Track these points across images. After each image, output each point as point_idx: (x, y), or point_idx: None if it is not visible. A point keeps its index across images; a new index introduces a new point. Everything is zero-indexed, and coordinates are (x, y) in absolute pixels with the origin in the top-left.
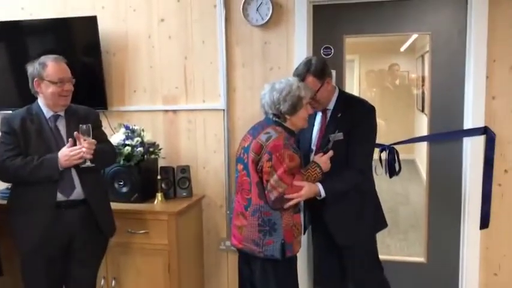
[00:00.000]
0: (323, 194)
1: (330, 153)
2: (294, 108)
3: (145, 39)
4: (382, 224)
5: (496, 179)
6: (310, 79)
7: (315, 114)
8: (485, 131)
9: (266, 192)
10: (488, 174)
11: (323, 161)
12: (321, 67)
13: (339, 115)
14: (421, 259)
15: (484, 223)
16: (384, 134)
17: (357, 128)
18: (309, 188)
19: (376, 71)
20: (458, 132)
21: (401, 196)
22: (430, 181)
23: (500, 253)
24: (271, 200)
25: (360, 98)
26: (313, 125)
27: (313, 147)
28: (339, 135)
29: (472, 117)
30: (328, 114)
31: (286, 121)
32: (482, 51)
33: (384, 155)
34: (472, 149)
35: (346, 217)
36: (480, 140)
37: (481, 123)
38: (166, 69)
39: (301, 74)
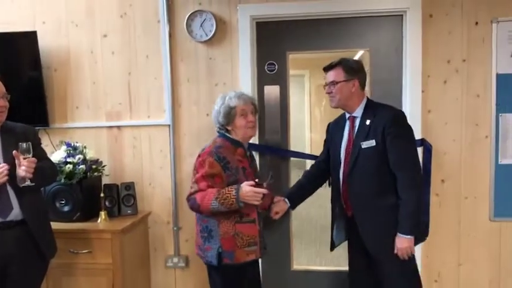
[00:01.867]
0: (411, 237)
1: (263, 190)
2: (228, 118)
3: (88, 54)
4: (421, 234)
5: (434, 189)
6: (338, 69)
7: (343, 125)
8: (422, 143)
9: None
10: (427, 185)
11: (247, 190)
12: (354, 66)
13: (368, 122)
14: None
15: (424, 233)
16: None
17: (391, 135)
18: (403, 246)
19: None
20: None
21: None
22: None
23: (440, 261)
24: (188, 201)
25: (388, 104)
26: (341, 138)
27: (342, 157)
28: (371, 142)
29: None
30: (356, 122)
31: (230, 132)
32: (417, 67)
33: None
34: None
35: (382, 230)
36: (418, 151)
37: (418, 136)
38: (110, 84)
39: (333, 63)
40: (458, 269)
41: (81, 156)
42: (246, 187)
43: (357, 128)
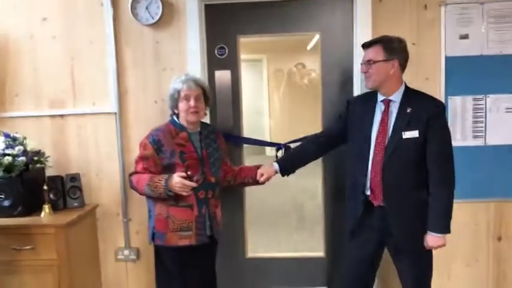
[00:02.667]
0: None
1: (192, 184)
2: (172, 100)
3: (27, 39)
4: None
5: None
6: (377, 47)
7: (372, 106)
8: None
9: None
10: None
11: (176, 181)
12: (395, 45)
13: (409, 110)
14: (320, 254)
15: None
16: (294, 131)
17: (435, 128)
18: (433, 242)
19: (283, 70)
20: None
21: (310, 191)
22: (325, 176)
23: None
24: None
25: (426, 93)
26: (371, 120)
27: (372, 143)
28: (414, 133)
29: None
30: (393, 107)
31: (178, 117)
32: None
33: (280, 154)
34: None
35: (413, 223)
36: None
37: None
38: (52, 71)
39: (373, 40)
40: None
41: (21, 147)
42: (176, 178)
43: (395, 114)
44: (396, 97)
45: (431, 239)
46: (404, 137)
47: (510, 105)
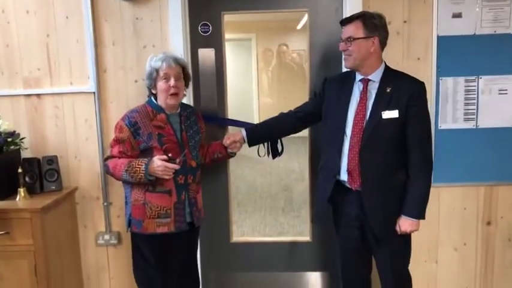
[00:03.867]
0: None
1: (175, 166)
2: (150, 79)
3: None
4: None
5: None
6: (356, 23)
7: (349, 87)
8: None
9: None
10: None
11: (158, 164)
12: (376, 21)
13: (388, 89)
14: (306, 238)
15: None
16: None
17: (416, 108)
18: (405, 226)
19: (272, 50)
20: None
21: (297, 173)
22: (312, 159)
23: None
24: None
25: (406, 73)
26: (347, 100)
27: (349, 124)
28: (393, 113)
29: None
30: (372, 86)
31: (156, 97)
32: None
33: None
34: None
35: (390, 208)
36: None
37: None
38: (26, 48)
39: (353, 17)
40: None
41: None
42: (158, 161)
43: (374, 94)
44: (375, 77)
45: (407, 222)
46: (384, 117)
47: (503, 87)
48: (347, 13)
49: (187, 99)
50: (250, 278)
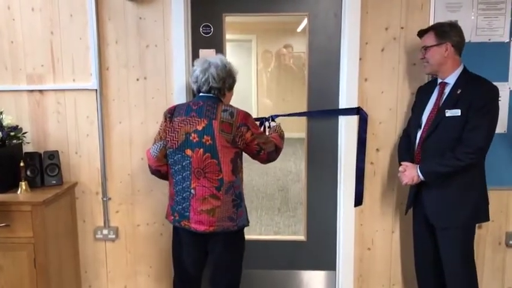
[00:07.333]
0: (421, 177)
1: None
2: (234, 84)
3: (4, 10)
4: (483, 217)
5: (369, 157)
6: (429, 33)
7: (432, 90)
8: (358, 111)
9: (262, 153)
10: (362, 153)
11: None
12: (446, 28)
13: (459, 91)
14: (301, 237)
15: (358, 201)
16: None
17: (479, 106)
18: (409, 172)
19: (272, 52)
20: (335, 111)
21: (294, 174)
22: (308, 160)
23: (373, 229)
24: (268, 152)
25: (484, 78)
26: (427, 102)
27: (423, 121)
28: (456, 112)
29: (346, 97)
30: (447, 89)
31: (224, 97)
32: (355, 33)
33: (268, 125)
34: (346, 129)
35: (445, 200)
36: (354, 119)
37: (354, 104)
38: (30, 45)
39: (426, 28)
40: (391, 236)
41: None
42: None
43: (446, 95)
44: (451, 79)
45: (412, 171)
46: (446, 115)
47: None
48: (346, 17)
49: (187, 99)
50: (245, 275)
